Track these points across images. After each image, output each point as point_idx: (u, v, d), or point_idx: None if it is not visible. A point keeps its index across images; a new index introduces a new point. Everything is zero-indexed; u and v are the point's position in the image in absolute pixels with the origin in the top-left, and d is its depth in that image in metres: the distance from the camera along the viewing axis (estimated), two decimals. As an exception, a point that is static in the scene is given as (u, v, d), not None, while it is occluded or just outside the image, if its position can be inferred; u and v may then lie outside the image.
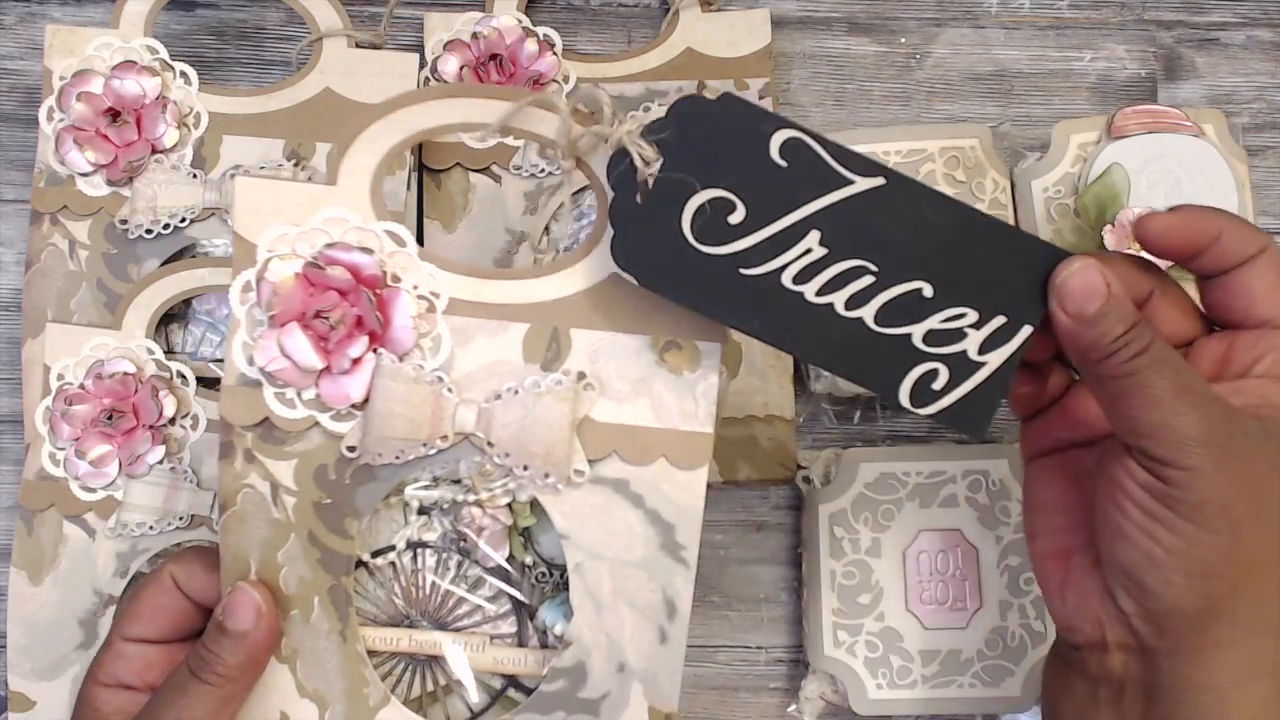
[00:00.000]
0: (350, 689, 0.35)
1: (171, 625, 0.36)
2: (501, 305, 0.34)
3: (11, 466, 0.49)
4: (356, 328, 0.33)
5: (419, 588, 0.37)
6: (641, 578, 0.35)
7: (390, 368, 0.33)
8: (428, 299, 0.34)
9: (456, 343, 0.34)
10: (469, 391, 0.34)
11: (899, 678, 0.45)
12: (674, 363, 0.34)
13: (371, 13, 0.51)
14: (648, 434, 0.34)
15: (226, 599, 0.34)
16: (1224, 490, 0.30)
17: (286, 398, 0.34)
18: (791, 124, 0.31)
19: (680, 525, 0.35)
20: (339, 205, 0.34)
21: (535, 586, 0.37)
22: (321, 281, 0.33)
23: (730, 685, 0.48)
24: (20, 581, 0.44)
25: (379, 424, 0.33)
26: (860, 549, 0.46)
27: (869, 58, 0.52)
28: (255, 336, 0.33)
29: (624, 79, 0.49)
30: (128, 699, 0.36)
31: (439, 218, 0.48)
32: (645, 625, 0.35)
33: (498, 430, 0.34)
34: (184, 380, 0.45)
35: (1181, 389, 0.30)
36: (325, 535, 0.35)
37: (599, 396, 0.34)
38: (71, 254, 0.46)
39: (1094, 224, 0.46)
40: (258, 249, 0.33)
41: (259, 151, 0.47)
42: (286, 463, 0.34)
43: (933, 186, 0.32)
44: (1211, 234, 0.32)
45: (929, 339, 0.32)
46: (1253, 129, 0.51)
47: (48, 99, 0.46)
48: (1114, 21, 0.52)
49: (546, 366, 0.34)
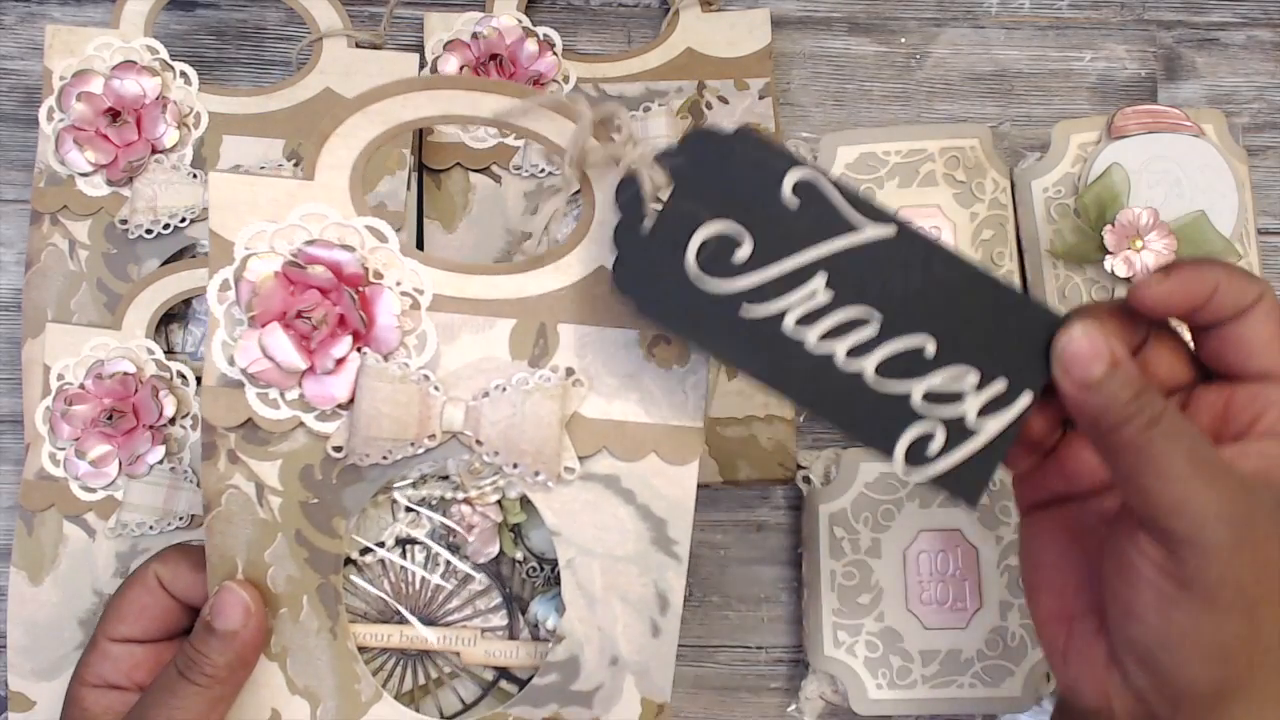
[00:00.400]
0: (342, 685, 0.35)
1: (157, 625, 0.36)
2: (487, 301, 0.34)
3: (11, 466, 0.49)
4: (339, 327, 0.33)
5: (408, 583, 0.37)
6: (633, 572, 0.35)
7: (375, 367, 0.33)
8: (411, 295, 0.34)
9: (442, 339, 0.34)
10: (456, 389, 0.34)
11: (899, 678, 0.45)
12: (663, 357, 0.34)
13: (371, 13, 0.51)
14: (638, 429, 0.34)
15: (214, 599, 0.34)
16: (1242, 571, 0.28)
17: (269, 398, 0.33)
18: (806, 164, 0.31)
19: (672, 520, 0.35)
20: (317, 201, 0.34)
21: (526, 581, 0.37)
22: (302, 280, 0.33)
23: (730, 685, 0.48)
24: (20, 581, 0.44)
25: (365, 424, 0.33)
26: (860, 549, 0.46)
27: (869, 58, 0.52)
28: (235, 336, 0.33)
29: (624, 79, 0.49)
30: (116, 699, 0.36)
31: (439, 218, 0.48)
32: (637, 619, 0.35)
33: (486, 428, 0.33)
34: (184, 380, 0.45)
35: (1198, 463, 0.29)
36: (313, 535, 0.34)
37: (588, 392, 0.34)
38: (71, 254, 0.46)
39: (1094, 224, 0.46)
40: (235, 246, 0.33)
41: (259, 151, 0.47)
42: (271, 463, 0.34)
43: (939, 241, 0.32)
44: (1207, 289, 0.31)
45: (928, 398, 0.31)
46: (1253, 129, 0.51)
47: (48, 99, 0.46)
48: (1114, 21, 0.52)
49: (534, 362, 0.34)
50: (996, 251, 0.47)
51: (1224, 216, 0.46)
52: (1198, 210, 0.46)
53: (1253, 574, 0.28)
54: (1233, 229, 0.46)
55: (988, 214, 0.47)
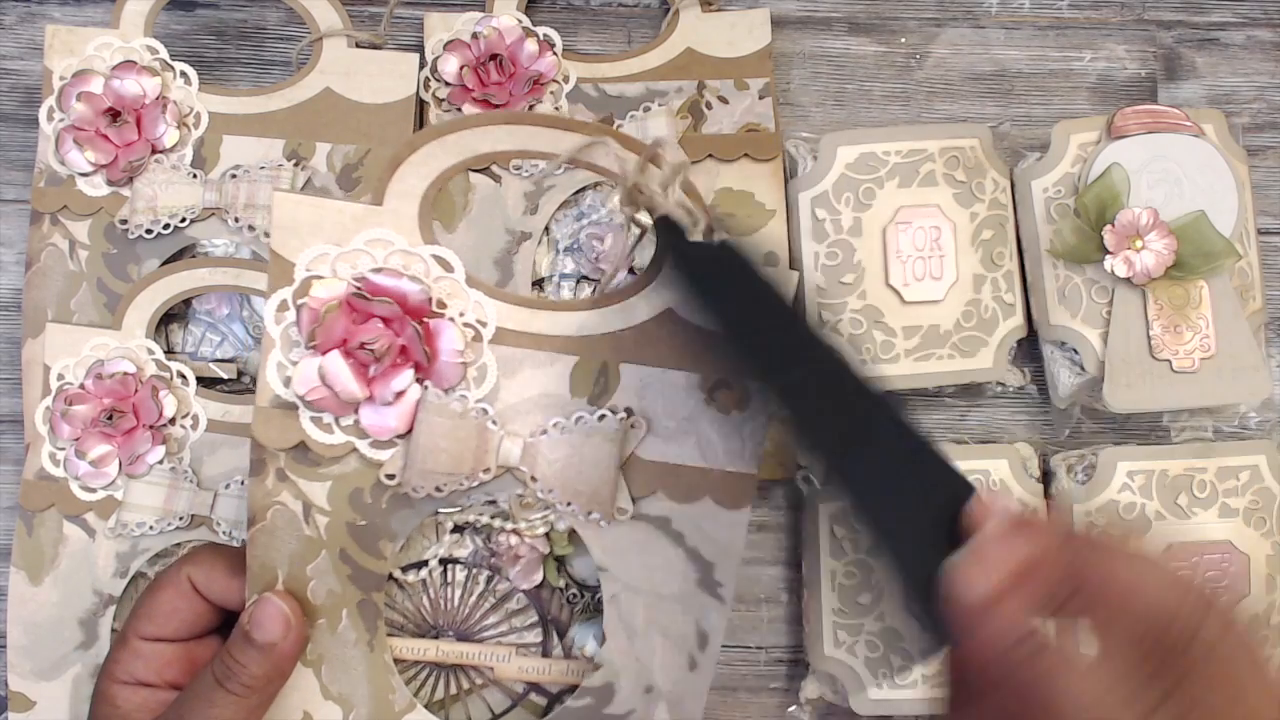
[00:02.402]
0: (375, 694, 0.35)
1: (188, 625, 0.36)
2: (550, 336, 0.34)
3: (11, 466, 0.49)
4: (402, 359, 0.32)
5: (447, 600, 0.37)
6: (676, 610, 0.34)
7: (436, 403, 0.32)
8: (474, 327, 0.33)
9: (502, 373, 0.33)
10: (513, 424, 0.33)
11: (899, 678, 0.45)
12: (723, 402, 0.34)
13: (371, 13, 0.51)
14: (693, 473, 0.34)
15: (253, 609, 0.33)
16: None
17: (324, 423, 0.33)
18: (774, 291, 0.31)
19: (719, 563, 0.34)
20: (385, 227, 0.33)
21: (566, 605, 0.37)
22: (366, 310, 0.32)
23: (730, 685, 0.48)
24: (20, 581, 0.44)
25: (421, 458, 0.33)
26: (860, 548, 0.46)
27: (869, 58, 0.52)
28: (292, 359, 0.32)
29: (624, 79, 0.49)
30: (147, 696, 0.36)
31: (439, 218, 0.48)
32: (676, 653, 0.35)
33: (543, 466, 0.33)
34: (184, 380, 0.45)
35: None
36: (358, 554, 0.34)
37: (645, 434, 0.34)
38: (71, 254, 0.46)
39: (1094, 224, 0.46)
40: (296, 268, 0.32)
41: (259, 151, 0.47)
42: (320, 484, 0.34)
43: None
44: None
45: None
46: (1253, 129, 0.51)
47: (48, 99, 0.46)
48: (1114, 21, 0.52)
49: (594, 400, 0.34)
50: (996, 251, 0.47)
51: (1224, 216, 0.46)
52: (1198, 210, 0.46)
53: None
54: (1232, 229, 0.46)
55: (988, 214, 0.47)
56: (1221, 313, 0.45)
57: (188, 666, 0.36)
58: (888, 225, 0.46)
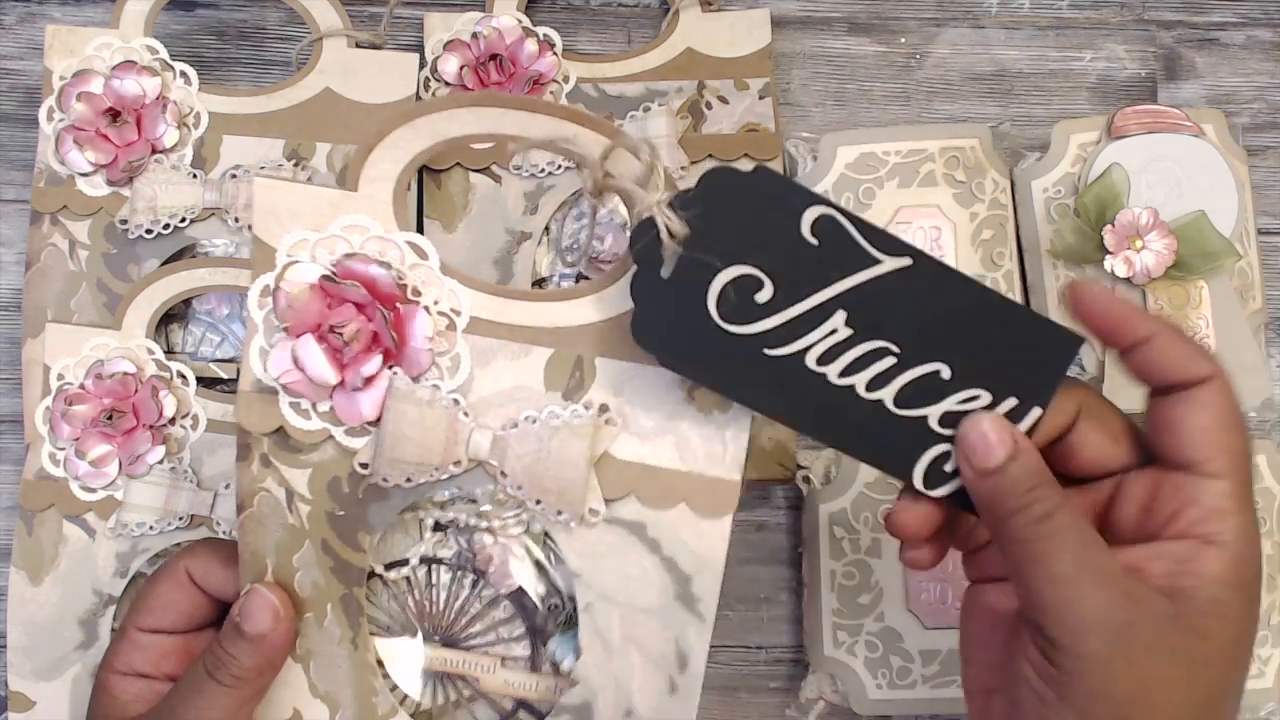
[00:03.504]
0: (359, 696, 0.35)
1: (186, 618, 0.36)
2: (525, 327, 0.33)
3: (11, 466, 0.49)
4: (372, 344, 0.32)
5: (432, 603, 0.36)
6: (653, 625, 0.33)
7: (403, 389, 0.32)
8: (448, 316, 0.33)
9: (476, 363, 0.33)
10: (486, 416, 0.33)
11: (899, 678, 0.45)
12: (703, 402, 0.33)
13: (371, 13, 0.51)
14: (670, 476, 0.33)
15: (243, 600, 0.34)
16: (1117, 684, 0.27)
17: (301, 408, 0.33)
18: (824, 200, 0.30)
19: (697, 575, 0.33)
20: (360, 212, 0.33)
21: (549, 615, 0.37)
22: (338, 294, 0.32)
23: (730, 685, 0.48)
24: (20, 581, 0.44)
25: (389, 445, 0.32)
26: (860, 549, 0.46)
27: (869, 58, 0.52)
28: (272, 344, 0.33)
29: (624, 79, 0.49)
30: (144, 687, 0.36)
31: (439, 218, 0.48)
32: (655, 674, 0.34)
33: (511, 461, 0.32)
34: (184, 380, 0.45)
35: (1084, 566, 0.28)
36: (338, 545, 0.34)
37: (621, 432, 0.33)
38: (71, 254, 0.46)
39: (1094, 224, 0.46)
40: (277, 253, 0.32)
41: (259, 151, 0.47)
42: (301, 471, 0.34)
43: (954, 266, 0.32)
44: (1138, 334, 0.30)
45: (944, 420, 0.31)
46: (1253, 129, 0.51)
47: (48, 99, 0.46)
48: (1114, 21, 0.52)
49: (568, 395, 0.33)
50: (996, 252, 0.47)
51: (1224, 216, 0.46)
52: (1198, 210, 0.46)
53: (1129, 688, 0.27)
54: (1232, 229, 0.46)
55: (987, 214, 0.47)
56: (1221, 313, 0.45)
57: (185, 659, 0.36)
58: (888, 225, 0.46)
